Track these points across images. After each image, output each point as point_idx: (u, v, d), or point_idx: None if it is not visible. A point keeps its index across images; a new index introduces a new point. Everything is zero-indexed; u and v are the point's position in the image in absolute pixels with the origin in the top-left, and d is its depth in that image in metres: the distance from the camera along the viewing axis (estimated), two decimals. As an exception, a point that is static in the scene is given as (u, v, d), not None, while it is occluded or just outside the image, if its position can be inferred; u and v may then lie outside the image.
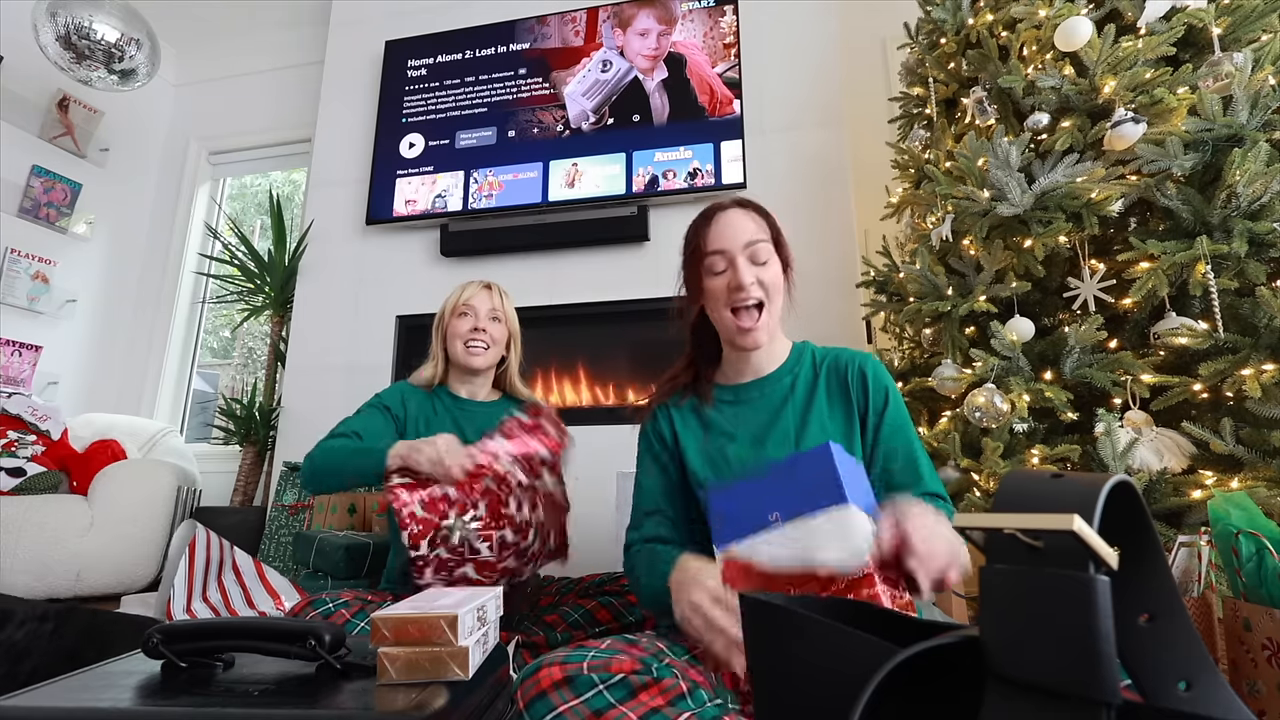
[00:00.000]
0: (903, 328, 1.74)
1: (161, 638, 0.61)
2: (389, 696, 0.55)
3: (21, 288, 2.65)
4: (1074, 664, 0.24)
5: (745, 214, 0.93)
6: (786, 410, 0.91)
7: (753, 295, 0.89)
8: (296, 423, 2.54)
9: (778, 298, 0.91)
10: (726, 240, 0.91)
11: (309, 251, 2.69)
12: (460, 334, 1.29)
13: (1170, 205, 1.25)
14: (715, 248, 0.91)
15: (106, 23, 2.41)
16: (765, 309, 0.90)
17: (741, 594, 0.39)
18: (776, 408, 0.92)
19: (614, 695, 0.64)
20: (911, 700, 0.29)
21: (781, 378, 0.94)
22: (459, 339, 1.29)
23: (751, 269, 0.89)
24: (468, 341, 1.29)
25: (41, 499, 2.00)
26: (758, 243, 0.90)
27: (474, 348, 1.29)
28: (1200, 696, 0.29)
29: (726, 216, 0.93)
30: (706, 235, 0.93)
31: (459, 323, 1.30)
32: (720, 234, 0.92)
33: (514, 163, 2.48)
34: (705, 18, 2.42)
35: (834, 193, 2.22)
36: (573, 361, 2.40)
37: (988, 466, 1.27)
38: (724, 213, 0.93)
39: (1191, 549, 0.97)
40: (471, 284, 1.35)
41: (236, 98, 3.34)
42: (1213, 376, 1.13)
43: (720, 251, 0.91)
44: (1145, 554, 0.30)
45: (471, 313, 1.30)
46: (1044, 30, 1.44)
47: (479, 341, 1.30)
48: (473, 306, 1.30)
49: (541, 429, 1.19)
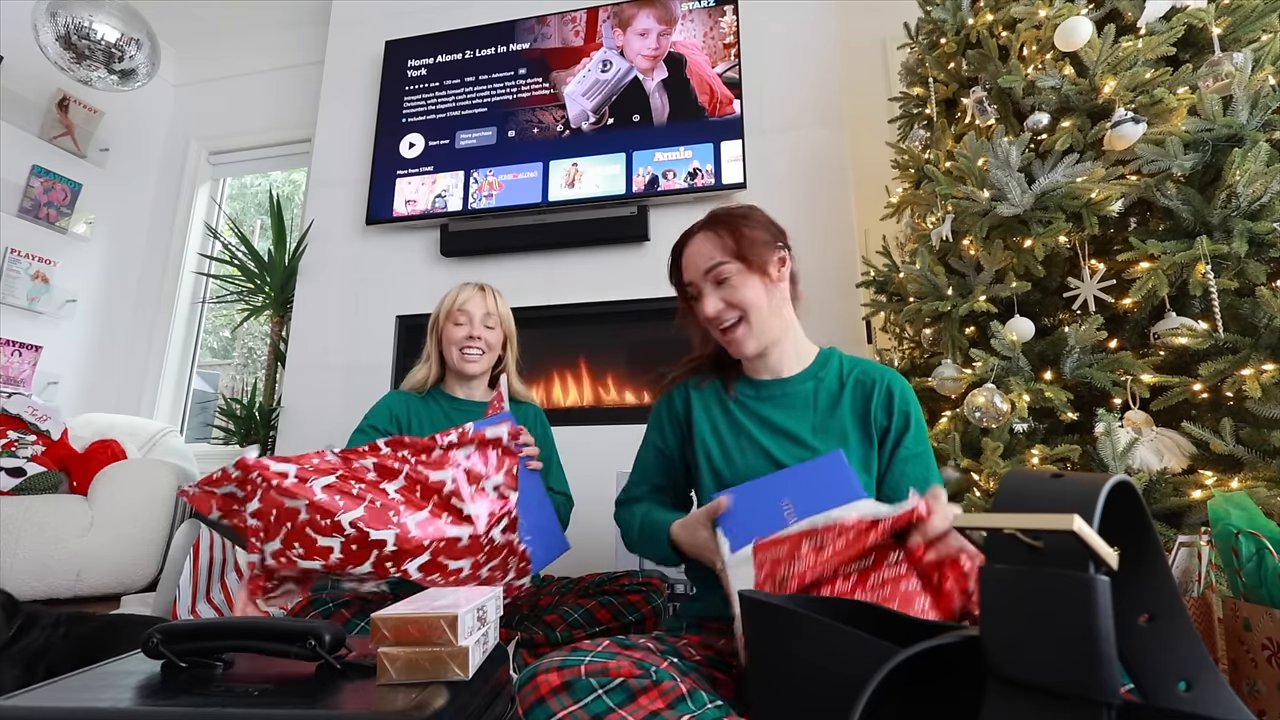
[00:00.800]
0: (903, 328, 1.74)
1: (161, 638, 0.61)
2: (389, 696, 0.55)
3: (21, 288, 2.65)
4: (1074, 664, 0.24)
5: (706, 238, 0.94)
6: (807, 414, 0.92)
7: (724, 319, 0.92)
8: (296, 423, 2.54)
9: (758, 307, 0.91)
10: (690, 271, 0.95)
11: (309, 251, 2.69)
12: (455, 340, 1.29)
13: (1170, 205, 1.25)
14: (686, 279, 0.96)
15: (106, 23, 2.40)
16: (745, 322, 0.91)
17: (741, 594, 0.39)
18: (797, 410, 0.92)
19: (613, 699, 0.64)
20: (911, 700, 0.29)
21: (805, 381, 0.94)
22: (454, 345, 1.29)
23: (716, 295, 0.92)
24: (463, 348, 1.29)
25: (41, 499, 2.00)
26: (717, 265, 0.91)
27: (469, 354, 1.29)
28: (1200, 696, 0.28)
29: (690, 247, 0.96)
30: (679, 269, 0.98)
31: (454, 329, 1.29)
32: (687, 265, 0.96)
33: (514, 163, 2.48)
34: (705, 18, 2.42)
35: (834, 193, 2.22)
36: (572, 361, 2.40)
37: (988, 466, 1.27)
38: (689, 242, 0.97)
39: (1191, 549, 0.97)
40: (467, 287, 1.34)
41: (236, 98, 3.34)
42: (1213, 376, 1.13)
43: (690, 283, 0.95)
44: (1145, 554, 0.30)
45: (467, 319, 1.30)
46: (1044, 30, 1.44)
47: (474, 348, 1.29)
48: (467, 312, 1.30)
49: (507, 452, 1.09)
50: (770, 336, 0.93)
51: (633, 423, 2.19)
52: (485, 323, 1.31)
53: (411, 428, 1.28)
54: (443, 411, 1.31)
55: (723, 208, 0.98)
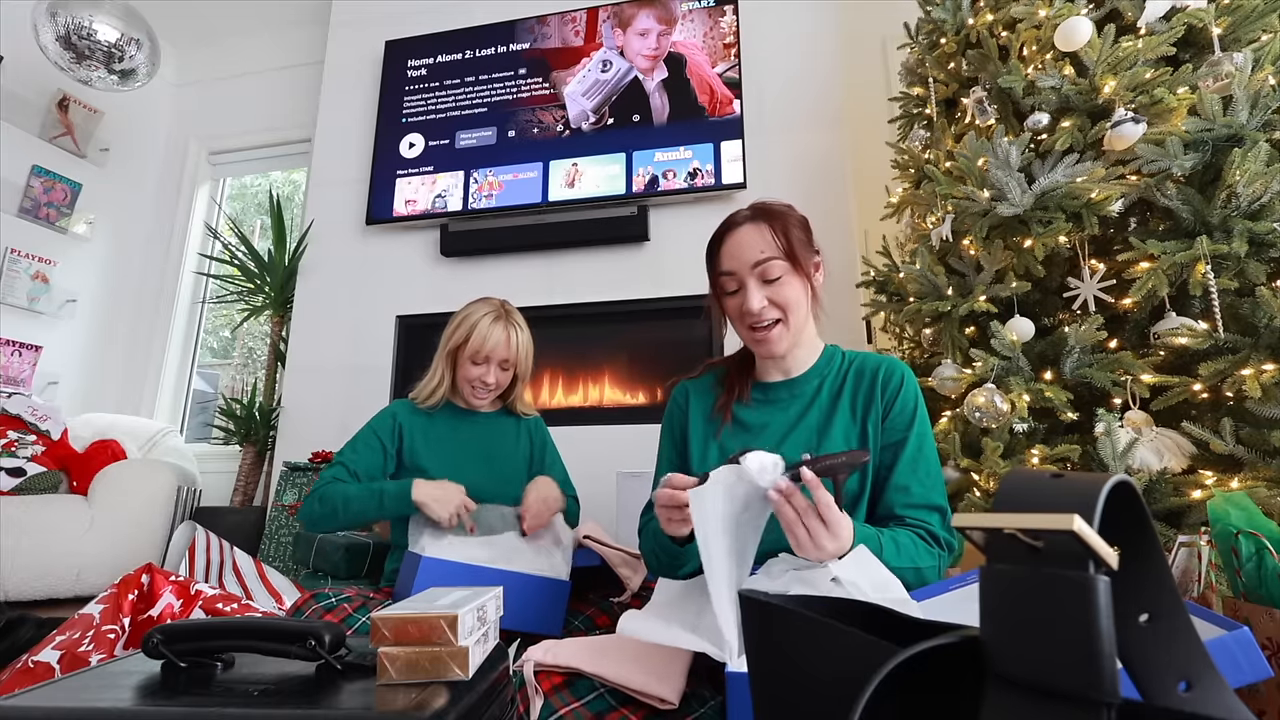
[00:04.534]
0: (903, 328, 1.74)
1: (161, 638, 0.61)
2: (389, 696, 0.55)
3: (21, 288, 2.65)
4: (1074, 664, 0.24)
5: (757, 229, 0.88)
6: (812, 411, 0.91)
7: (765, 318, 0.87)
8: (296, 423, 2.54)
9: (798, 310, 0.88)
10: (735, 261, 0.88)
11: (309, 251, 2.69)
12: (469, 378, 1.28)
13: (1170, 205, 1.25)
14: (725, 269, 0.90)
15: (106, 23, 2.41)
16: (783, 324, 0.88)
17: (741, 594, 0.39)
18: (802, 409, 0.92)
19: (614, 698, 0.64)
20: (911, 700, 0.29)
21: (810, 380, 0.94)
22: (468, 382, 1.28)
23: (761, 290, 0.87)
24: (475, 387, 1.28)
25: (41, 499, 2.00)
26: (767, 260, 0.86)
27: (479, 393, 1.29)
28: (1200, 696, 0.28)
29: (736, 235, 0.90)
30: (719, 255, 0.91)
31: (471, 368, 1.27)
32: (729, 254, 0.89)
33: (514, 163, 2.48)
34: (705, 18, 2.42)
35: (834, 193, 2.22)
36: (572, 362, 2.40)
37: (988, 466, 1.27)
38: (735, 231, 0.90)
39: (1191, 549, 0.97)
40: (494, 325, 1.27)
41: (236, 98, 3.34)
42: (1213, 376, 1.13)
43: (730, 273, 0.89)
44: (1145, 554, 0.30)
45: (485, 361, 1.27)
46: (1044, 30, 1.44)
47: (485, 389, 1.29)
48: (488, 358, 1.27)
49: None
50: (795, 342, 0.91)
51: (633, 423, 2.19)
52: (502, 366, 1.29)
53: (416, 442, 1.28)
54: (449, 426, 1.31)
55: (767, 202, 0.92)
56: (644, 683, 0.63)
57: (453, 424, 1.32)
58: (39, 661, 1.04)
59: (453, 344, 1.29)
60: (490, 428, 1.35)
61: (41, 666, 1.03)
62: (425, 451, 1.27)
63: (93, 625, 1.09)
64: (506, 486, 1.27)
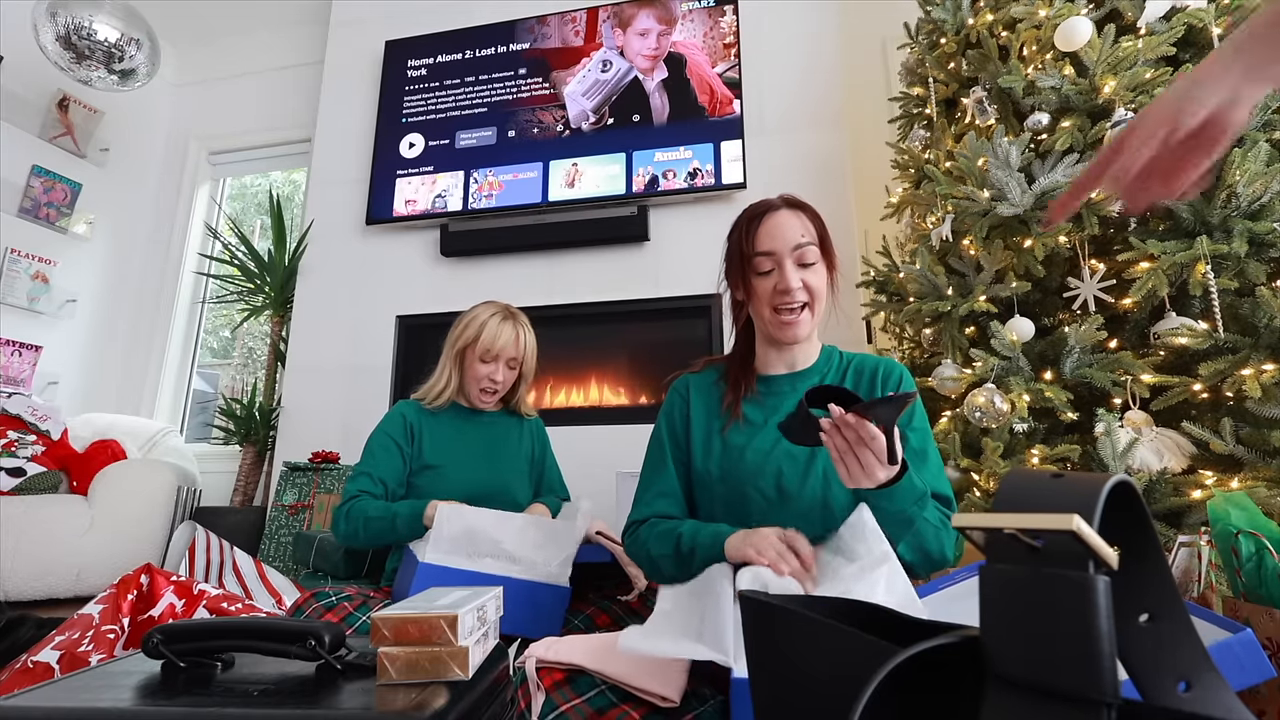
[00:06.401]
0: (903, 328, 1.74)
1: (161, 638, 0.61)
2: (389, 696, 0.55)
3: (21, 288, 2.65)
4: (1074, 664, 0.24)
5: (794, 215, 0.92)
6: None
7: (798, 299, 0.89)
8: (296, 423, 2.54)
9: (823, 299, 0.92)
10: (775, 242, 0.90)
11: (309, 251, 2.70)
12: (477, 377, 1.29)
13: (1170, 205, 1.25)
14: (763, 249, 0.91)
15: (106, 23, 2.41)
16: (809, 309, 0.91)
17: (741, 593, 0.39)
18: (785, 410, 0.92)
19: (615, 695, 0.64)
20: (911, 700, 0.29)
21: (812, 375, 0.95)
22: (475, 381, 1.29)
23: (798, 272, 0.89)
24: (482, 386, 1.29)
25: (41, 499, 2.00)
26: (805, 245, 0.89)
27: (485, 393, 1.30)
28: (1200, 696, 0.28)
29: (776, 217, 0.92)
30: (755, 235, 0.92)
31: (479, 366, 1.28)
32: (769, 235, 0.91)
33: (514, 163, 2.48)
34: (705, 18, 2.42)
35: (834, 193, 2.22)
36: (572, 361, 2.40)
37: (988, 466, 1.27)
38: (774, 213, 0.92)
39: (1191, 549, 0.97)
40: (503, 324, 1.29)
41: (236, 98, 3.34)
42: (1213, 376, 1.13)
43: (768, 253, 0.90)
44: (1145, 554, 0.30)
45: (494, 360, 1.28)
46: (1044, 30, 1.44)
47: (493, 389, 1.30)
48: (496, 356, 1.28)
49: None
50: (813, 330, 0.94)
51: (632, 423, 2.19)
52: (509, 365, 1.30)
53: (425, 440, 1.28)
54: (454, 426, 1.32)
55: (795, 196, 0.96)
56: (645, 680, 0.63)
57: (458, 423, 1.33)
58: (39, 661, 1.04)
59: (462, 343, 1.30)
60: (494, 427, 1.36)
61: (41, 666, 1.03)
62: (432, 450, 1.28)
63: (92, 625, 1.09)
64: (510, 485, 1.29)
